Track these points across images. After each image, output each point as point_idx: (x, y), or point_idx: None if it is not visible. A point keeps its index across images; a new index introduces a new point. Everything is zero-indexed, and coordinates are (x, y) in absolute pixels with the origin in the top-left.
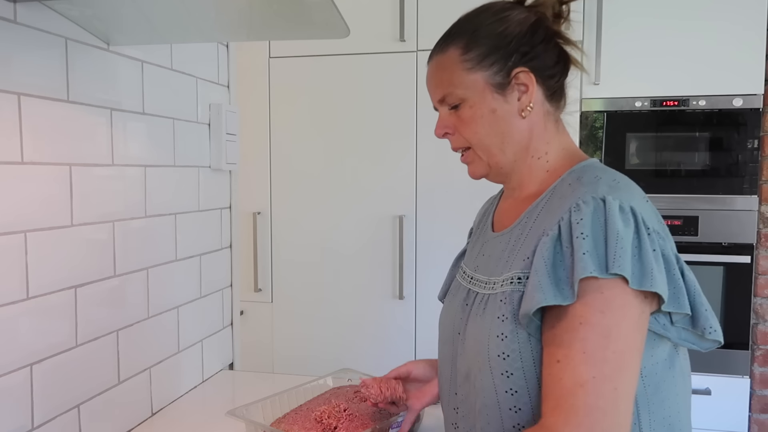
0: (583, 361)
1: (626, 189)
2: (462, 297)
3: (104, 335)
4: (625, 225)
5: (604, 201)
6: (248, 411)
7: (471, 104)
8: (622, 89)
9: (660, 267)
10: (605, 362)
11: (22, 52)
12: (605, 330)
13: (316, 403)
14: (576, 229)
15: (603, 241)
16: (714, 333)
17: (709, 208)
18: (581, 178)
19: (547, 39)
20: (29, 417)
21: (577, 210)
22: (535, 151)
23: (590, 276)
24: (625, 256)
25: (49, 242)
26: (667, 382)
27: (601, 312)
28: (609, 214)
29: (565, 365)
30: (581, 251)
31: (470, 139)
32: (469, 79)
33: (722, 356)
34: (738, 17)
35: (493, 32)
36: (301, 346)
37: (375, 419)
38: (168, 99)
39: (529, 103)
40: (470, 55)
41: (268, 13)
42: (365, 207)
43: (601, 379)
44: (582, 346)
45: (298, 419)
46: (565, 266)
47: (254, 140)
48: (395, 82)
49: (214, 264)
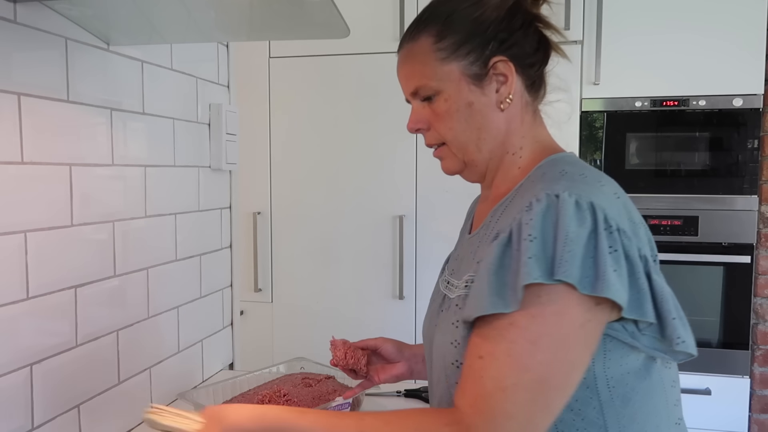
0: (506, 365)
1: (592, 183)
2: (438, 302)
3: (104, 335)
4: (579, 224)
5: (558, 197)
6: (198, 394)
7: (446, 97)
8: (622, 89)
9: (621, 270)
10: (528, 371)
11: (22, 52)
12: (534, 336)
13: (263, 389)
14: (524, 231)
15: (552, 243)
16: (682, 344)
17: (709, 208)
18: (545, 174)
19: (526, 24)
20: (29, 417)
21: (528, 209)
22: (510, 146)
23: (534, 282)
24: (573, 261)
25: (49, 242)
26: (639, 394)
27: (532, 317)
28: (561, 213)
29: (488, 364)
30: (527, 255)
31: (445, 134)
32: (443, 70)
33: (722, 356)
34: (738, 17)
35: (469, 17)
36: (301, 346)
37: (312, 405)
38: (168, 99)
39: (508, 95)
40: (444, 43)
41: (268, 13)
42: (365, 207)
43: (521, 387)
44: (508, 349)
45: (242, 402)
46: (512, 271)
47: (254, 140)
48: (395, 82)
49: (214, 264)
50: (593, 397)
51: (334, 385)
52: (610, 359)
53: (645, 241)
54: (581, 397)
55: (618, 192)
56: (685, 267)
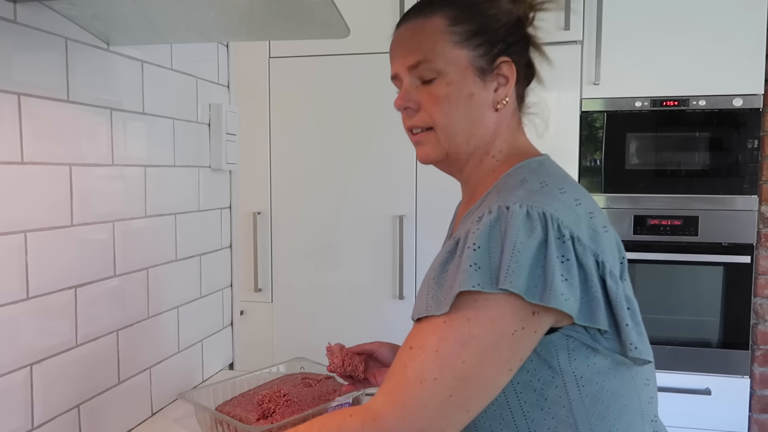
0: (432, 359)
1: (551, 192)
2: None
3: (104, 335)
4: (527, 235)
5: (509, 209)
6: (198, 394)
7: (448, 81)
8: (622, 89)
9: (572, 278)
10: (451, 368)
11: (22, 52)
12: (465, 338)
13: (263, 389)
14: (469, 239)
15: (498, 253)
16: (635, 350)
17: (709, 208)
18: (507, 183)
19: (525, 39)
20: (29, 417)
21: (479, 220)
22: (492, 148)
23: (473, 290)
24: (520, 271)
25: (49, 242)
26: (609, 393)
27: (467, 319)
28: (510, 224)
29: (415, 355)
30: (468, 263)
31: (438, 119)
32: (453, 53)
33: (722, 356)
34: (738, 17)
35: (485, 12)
36: (301, 346)
37: (312, 405)
38: (168, 99)
39: (505, 96)
40: (459, 28)
41: (268, 13)
42: (365, 207)
43: (442, 383)
44: (437, 344)
45: (242, 402)
46: (450, 275)
47: (254, 140)
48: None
49: (214, 264)
50: (562, 396)
51: (334, 385)
52: (576, 359)
53: (606, 248)
54: (551, 396)
55: (580, 198)
56: (685, 267)
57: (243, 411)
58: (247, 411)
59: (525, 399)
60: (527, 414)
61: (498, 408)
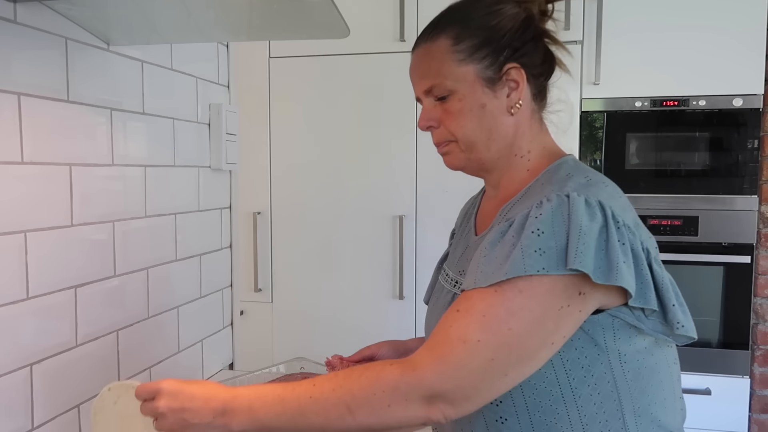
0: (477, 322)
1: (596, 185)
2: (447, 301)
3: (104, 335)
4: (590, 219)
5: (569, 197)
6: None
7: (460, 97)
8: (622, 89)
9: (628, 261)
10: (496, 334)
11: (22, 52)
12: (514, 307)
13: None
14: (531, 224)
15: (564, 236)
16: (682, 328)
17: (709, 208)
18: (553, 177)
19: (536, 37)
20: (29, 417)
21: (538, 206)
22: (518, 149)
23: (535, 274)
24: (588, 252)
25: (49, 242)
26: (647, 369)
27: (519, 290)
28: (573, 210)
29: (460, 317)
30: (532, 248)
31: (456, 132)
32: (459, 71)
33: (722, 356)
34: (738, 17)
35: (486, 24)
36: (301, 346)
37: None
38: (168, 99)
39: (518, 100)
40: (462, 45)
41: (268, 13)
42: (365, 207)
43: (485, 345)
44: (484, 309)
45: None
46: (499, 253)
47: (254, 140)
48: (395, 82)
49: (214, 264)
50: (607, 372)
51: None
52: (620, 338)
53: (646, 236)
54: (597, 372)
55: (619, 192)
56: (685, 267)
57: None
58: None
59: (573, 376)
60: (575, 390)
61: (548, 385)
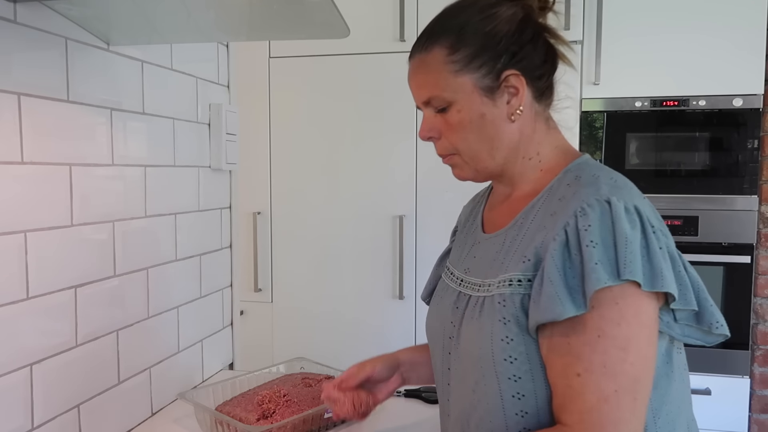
0: (604, 375)
1: (625, 188)
2: (452, 300)
3: (104, 335)
4: (632, 227)
5: (610, 203)
6: (198, 394)
7: (459, 108)
8: (622, 89)
9: (668, 265)
10: (624, 375)
11: (22, 52)
12: (623, 342)
13: (263, 389)
14: (585, 237)
15: (612, 246)
16: (721, 327)
17: (709, 208)
18: (579, 178)
19: (535, 37)
20: (29, 417)
21: (583, 215)
22: (525, 152)
23: (604, 286)
24: (635, 261)
25: (49, 242)
26: (666, 376)
27: (617, 324)
28: (616, 218)
29: (586, 379)
30: (593, 261)
31: (458, 144)
32: (456, 82)
33: (722, 356)
34: (738, 17)
35: (481, 31)
36: (301, 346)
37: (311, 405)
38: (168, 99)
39: (518, 107)
40: (457, 56)
41: (268, 13)
42: (365, 207)
43: (623, 391)
44: (602, 360)
45: (242, 402)
46: (575, 274)
47: (254, 140)
48: (395, 82)
49: (214, 264)
50: None
51: None
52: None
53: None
54: None
55: (642, 194)
56: None
57: (243, 411)
58: (247, 411)
59: None
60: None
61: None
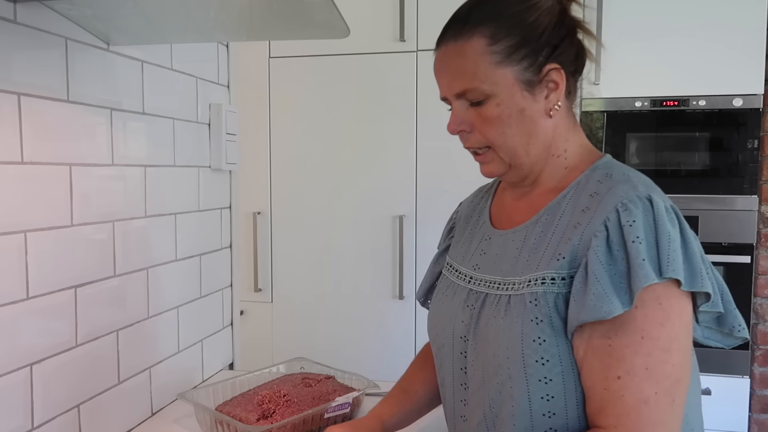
0: (646, 377)
1: (656, 187)
2: (461, 298)
3: (104, 335)
4: (672, 225)
5: (651, 201)
6: (198, 394)
7: (498, 102)
8: (622, 89)
9: (706, 266)
10: (666, 377)
11: (22, 52)
12: (666, 344)
13: (263, 389)
14: (630, 233)
15: (654, 244)
16: (743, 330)
17: (709, 208)
18: (611, 176)
19: (570, 32)
20: (29, 417)
21: (626, 211)
22: (555, 149)
23: (651, 284)
24: (678, 259)
25: (49, 242)
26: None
27: (661, 325)
28: (658, 215)
29: (627, 381)
30: (639, 258)
31: (495, 139)
32: (497, 74)
33: (722, 356)
34: (738, 17)
35: (524, 21)
36: (301, 346)
37: (311, 405)
38: (168, 99)
39: (557, 102)
40: (499, 46)
41: (268, 13)
42: (365, 207)
43: (662, 393)
44: (644, 362)
45: (242, 402)
46: (619, 271)
47: (254, 140)
48: (395, 82)
49: (214, 264)
50: None
51: (334, 385)
52: None
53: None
54: None
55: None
56: None
57: (243, 411)
58: (247, 411)
59: None
60: None
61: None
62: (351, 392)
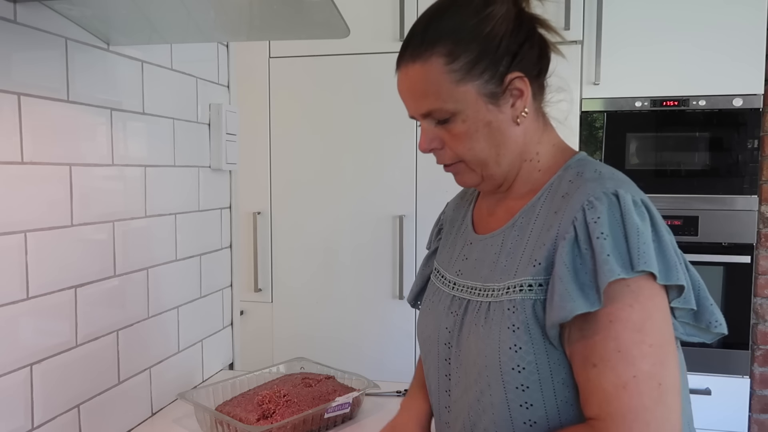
0: (619, 360)
1: (629, 183)
2: (445, 304)
3: (104, 335)
4: (641, 219)
5: (617, 195)
6: (198, 394)
7: (463, 118)
8: (622, 89)
9: (680, 260)
10: (643, 358)
11: (22, 52)
12: (637, 324)
13: (263, 389)
14: (594, 230)
15: (623, 238)
16: (720, 326)
17: (709, 208)
18: (582, 174)
19: (530, 32)
20: (29, 417)
21: (591, 208)
22: (527, 154)
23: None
24: (649, 252)
25: (49, 242)
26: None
27: (630, 306)
28: (625, 210)
29: (602, 368)
30: (604, 253)
31: (464, 154)
32: (458, 92)
33: (722, 356)
34: (738, 17)
35: (481, 34)
36: (301, 346)
37: (311, 405)
38: (168, 99)
39: (523, 109)
40: (458, 63)
41: (268, 13)
42: (365, 207)
43: (643, 377)
44: (616, 345)
45: (242, 402)
46: (587, 269)
47: (254, 140)
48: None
49: (214, 264)
50: None
51: (334, 385)
52: None
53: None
54: None
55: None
56: None
57: (243, 411)
58: (247, 411)
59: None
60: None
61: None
62: (351, 392)
